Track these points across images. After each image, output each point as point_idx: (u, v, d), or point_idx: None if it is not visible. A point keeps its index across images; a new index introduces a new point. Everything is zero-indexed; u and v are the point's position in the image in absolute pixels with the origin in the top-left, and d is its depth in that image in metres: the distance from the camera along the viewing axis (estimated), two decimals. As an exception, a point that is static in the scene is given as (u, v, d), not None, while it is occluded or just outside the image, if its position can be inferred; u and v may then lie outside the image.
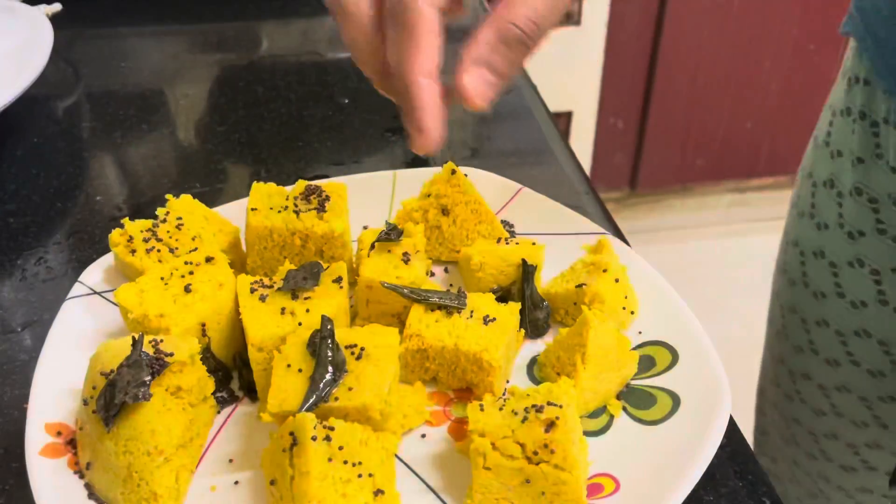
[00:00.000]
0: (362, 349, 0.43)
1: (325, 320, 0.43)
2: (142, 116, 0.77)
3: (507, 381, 0.49)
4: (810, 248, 0.65)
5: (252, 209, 0.52)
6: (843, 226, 0.60)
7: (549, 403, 0.40)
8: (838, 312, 0.62)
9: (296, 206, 0.52)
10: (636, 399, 0.47)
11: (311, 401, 0.41)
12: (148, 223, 0.52)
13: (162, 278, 0.47)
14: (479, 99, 0.37)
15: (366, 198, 0.58)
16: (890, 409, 0.63)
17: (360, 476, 0.39)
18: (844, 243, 0.60)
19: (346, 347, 0.43)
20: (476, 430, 0.40)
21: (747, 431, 0.74)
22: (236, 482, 0.43)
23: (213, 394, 0.45)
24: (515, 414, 0.40)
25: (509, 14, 0.36)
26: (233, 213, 0.55)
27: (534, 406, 0.40)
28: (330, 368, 0.42)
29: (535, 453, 0.38)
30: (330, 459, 0.39)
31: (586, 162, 1.89)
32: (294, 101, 0.79)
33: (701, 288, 1.77)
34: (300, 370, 0.42)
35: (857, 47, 0.59)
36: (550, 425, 0.39)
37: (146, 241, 0.51)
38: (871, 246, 0.58)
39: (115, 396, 0.40)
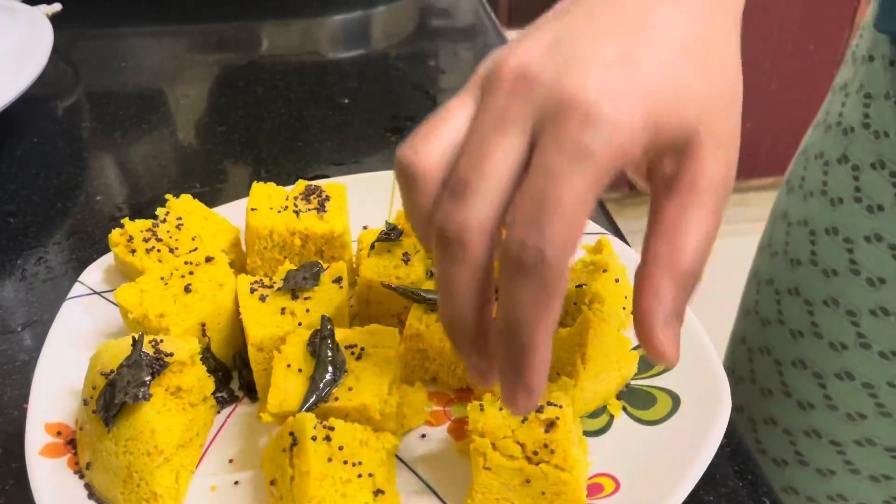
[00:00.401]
0: (362, 349, 0.43)
1: (325, 320, 0.43)
2: (142, 116, 0.77)
3: (507, 381, 0.49)
4: (795, 218, 0.65)
5: (252, 209, 0.51)
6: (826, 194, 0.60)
7: (549, 404, 0.40)
8: (811, 282, 0.62)
9: (296, 206, 0.52)
10: (636, 399, 0.47)
11: (311, 401, 0.41)
12: (148, 223, 0.52)
13: (162, 278, 0.47)
14: (676, 355, 0.32)
15: (366, 198, 0.58)
16: (843, 388, 0.62)
17: (360, 476, 0.39)
18: (827, 210, 0.60)
19: (346, 347, 0.43)
20: (476, 431, 0.39)
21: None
22: (236, 482, 0.43)
23: (213, 394, 0.45)
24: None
25: (679, 255, 0.32)
26: (233, 213, 0.55)
27: None
28: (330, 368, 0.42)
29: (535, 453, 0.38)
30: (330, 459, 0.39)
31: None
32: (294, 101, 0.79)
33: (701, 288, 1.77)
34: (300, 370, 0.42)
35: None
36: (550, 425, 0.39)
37: (146, 241, 0.51)
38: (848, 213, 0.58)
39: (115, 396, 0.40)
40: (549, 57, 0.31)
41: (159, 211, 0.53)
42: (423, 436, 0.45)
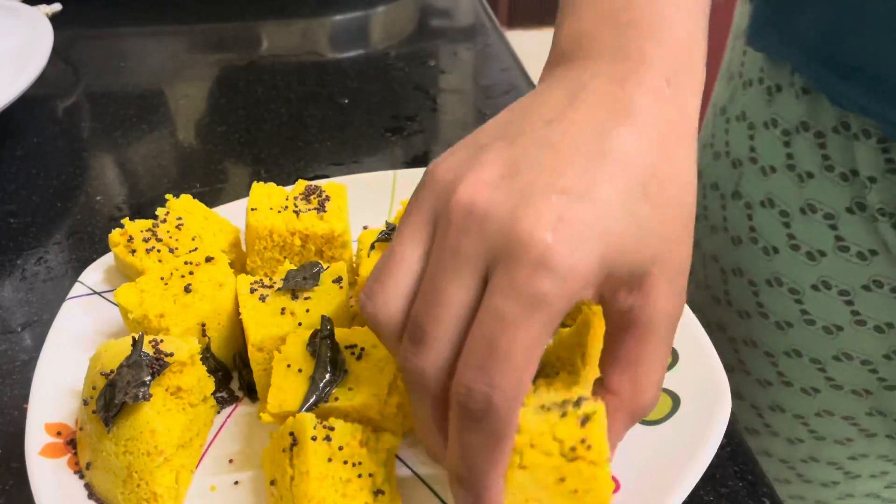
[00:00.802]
0: (362, 349, 0.43)
1: (326, 320, 0.43)
2: (142, 116, 0.77)
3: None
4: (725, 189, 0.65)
5: (252, 209, 0.51)
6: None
7: (581, 399, 0.37)
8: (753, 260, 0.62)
9: (296, 206, 0.52)
10: (636, 399, 0.47)
11: (311, 401, 0.41)
12: (148, 223, 0.52)
13: (162, 278, 0.47)
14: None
15: (366, 198, 0.58)
16: (793, 364, 0.62)
17: (360, 476, 0.39)
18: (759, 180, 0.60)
19: (347, 348, 0.43)
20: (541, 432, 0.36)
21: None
22: (236, 482, 0.43)
23: (213, 394, 0.45)
24: (549, 409, 0.37)
25: (641, 394, 0.34)
26: (233, 213, 0.55)
27: (568, 401, 0.37)
28: (330, 368, 0.42)
29: (573, 449, 0.35)
30: (330, 459, 0.39)
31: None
32: (294, 101, 0.79)
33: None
34: (300, 370, 0.42)
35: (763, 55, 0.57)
36: (586, 420, 0.35)
37: (146, 241, 0.51)
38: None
39: (115, 396, 0.40)
40: (502, 190, 0.30)
41: (159, 211, 0.53)
42: (423, 436, 0.45)
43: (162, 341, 0.42)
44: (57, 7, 0.83)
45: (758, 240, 0.60)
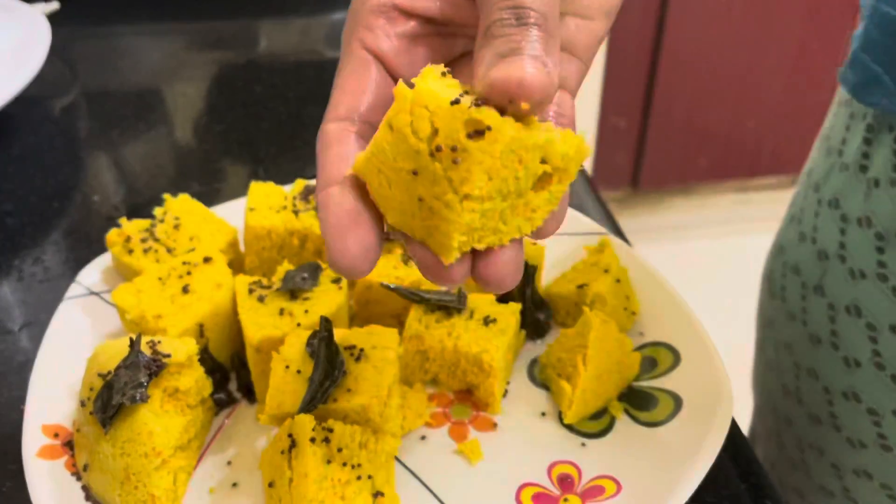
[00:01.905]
0: (361, 350, 0.43)
1: (324, 321, 0.43)
2: (139, 115, 0.76)
3: (508, 382, 0.48)
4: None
5: (250, 209, 0.51)
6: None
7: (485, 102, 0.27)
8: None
9: (294, 205, 0.52)
10: (638, 400, 0.46)
11: (310, 402, 0.40)
12: (145, 223, 0.52)
13: (159, 278, 0.47)
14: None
15: (365, 197, 0.58)
16: (861, 484, 0.57)
17: (359, 478, 0.39)
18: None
19: (346, 348, 0.43)
20: (420, 90, 0.27)
21: (748, 431, 0.73)
22: (234, 484, 0.42)
23: (212, 395, 0.45)
24: (464, 95, 0.27)
25: None
26: (231, 212, 0.55)
27: (481, 100, 0.27)
28: (329, 370, 0.41)
29: (439, 150, 0.27)
30: (329, 461, 0.38)
31: (587, 161, 1.88)
32: (292, 101, 0.78)
33: (703, 288, 1.77)
34: (299, 371, 0.42)
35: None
36: (478, 134, 0.27)
37: (143, 241, 0.50)
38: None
39: (112, 398, 0.39)
40: None
41: (157, 211, 0.53)
42: (423, 437, 0.45)
43: (159, 342, 0.42)
44: (54, 6, 0.82)
45: (839, 346, 0.53)
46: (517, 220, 0.29)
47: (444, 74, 0.28)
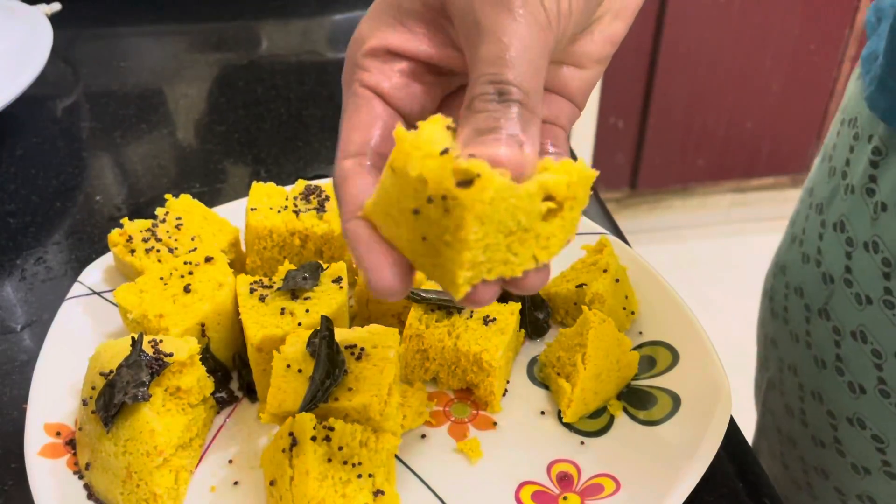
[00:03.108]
0: (362, 349, 0.43)
1: (325, 320, 0.43)
2: (141, 116, 0.77)
3: (508, 381, 0.48)
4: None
5: (251, 209, 0.51)
6: None
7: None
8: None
9: (295, 205, 0.52)
10: (637, 399, 0.47)
11: (311, 401, 0.41)
12: (147, 223, 0.52)
13: (161, 278, 0.47)
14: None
15: (366, 197, 0.58)
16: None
17: (359, 476, 0.39)
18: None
19: (346, 348, 0.43)
20: (417, 135, 0.28)
21: (748, 431, 0.74)
22: (236, 483, 0.43)
23: (213, 394, 0.45)
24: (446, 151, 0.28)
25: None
26: (232, 212, 0.55)
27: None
28: (329, 369, 0.42)
29: (430, 200, 0.27)
30: (329, 460, 0.38)
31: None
32: (294, 101, 0.79)
33: (701, 288, 1.77)
34: (300, 370, 0.42)
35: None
36: (468, 182, 0.27)
37: (145, 240, 0.51)
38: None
39: (114, 397, 0.40)
40: None
41: (159, 211, 0.53)
42: (423, 436, 0.45)
43: (161, 341, 0.42)
44: (56, 7, 0.82)
45: (844, 371, 0.53)
46: (530, 250, 0.29)
47: (449, 128, 0.29)
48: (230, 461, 0.44)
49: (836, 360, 0.53)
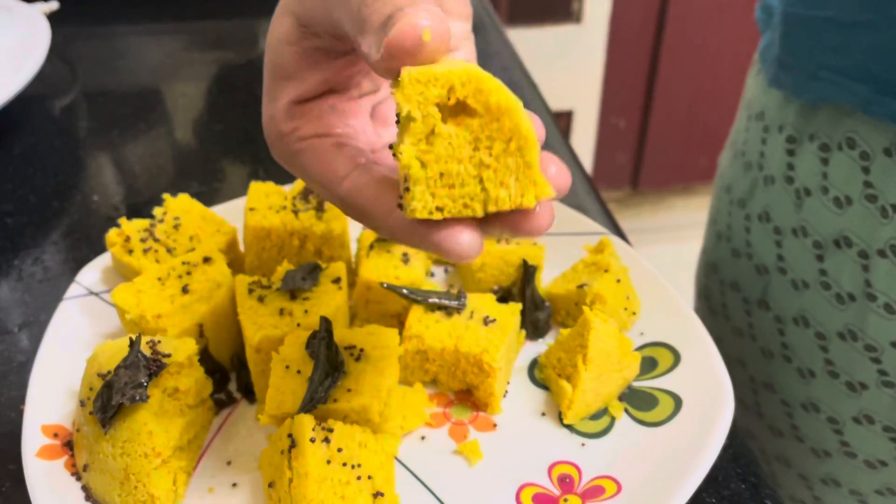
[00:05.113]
0: (361, 350, 0.43)
1: (324, 321, 0.43)
2: (139, 115, 0.76)
3: (508, 383, 0.48)
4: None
5: (250, 209, 0.51)
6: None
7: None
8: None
9: (294, 205, 0.52)
10: (638, 400, 0.46)
11: (310, 402, 0.40)
12: (145, 223, 0.52)
13: (159, 278, 0.47)
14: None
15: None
16: (830, 492, 0.57)
17: (359, 478, 0.39)
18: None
19: (346, 348, 0.43)
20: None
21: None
22: (234, 484, 0.42)
23: (211, 395, 0.45)
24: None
25: None
26: (231, 212, 0.55)
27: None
28: (329, 370, 0.41)
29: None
30: (329, 461, 0.38)
31: (587, 161, 1.88)
32: (293, 100, 0.78)
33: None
34: (299, 371, 0.42)
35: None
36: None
37: (143, 240, 0.50)
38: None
39: (112, 398, 0.39)
40: None
41: (156, 210, 0.53)
42: (423, 438, 0.45)
43: (159, 342, 0.42)
44: (54, 5, 0.82)
45: (791, 358, 0.54)
46: (499, 188, 0.29)
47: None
48: (229, 463, 0.43)
49: (783, 348, 0.54)
